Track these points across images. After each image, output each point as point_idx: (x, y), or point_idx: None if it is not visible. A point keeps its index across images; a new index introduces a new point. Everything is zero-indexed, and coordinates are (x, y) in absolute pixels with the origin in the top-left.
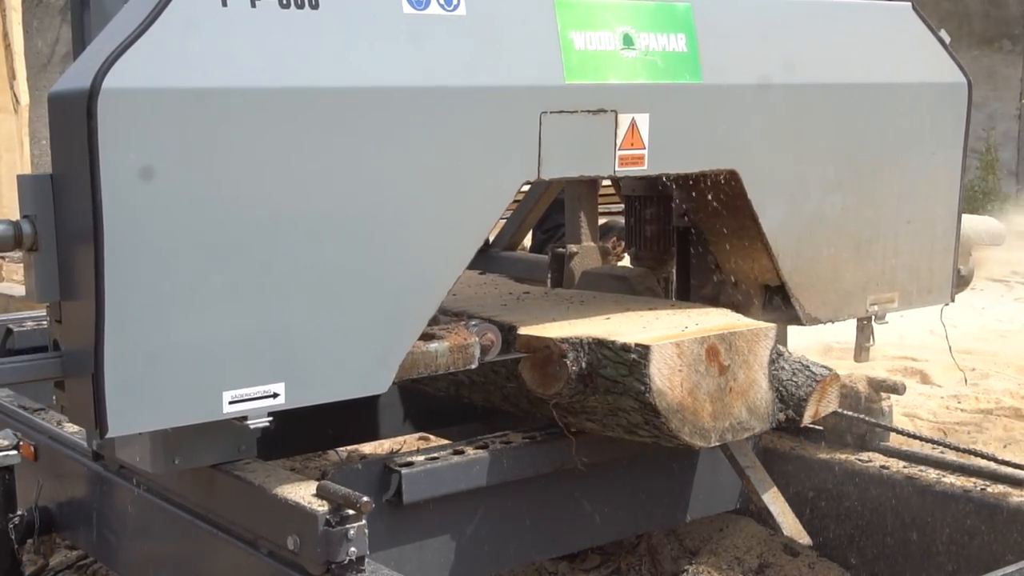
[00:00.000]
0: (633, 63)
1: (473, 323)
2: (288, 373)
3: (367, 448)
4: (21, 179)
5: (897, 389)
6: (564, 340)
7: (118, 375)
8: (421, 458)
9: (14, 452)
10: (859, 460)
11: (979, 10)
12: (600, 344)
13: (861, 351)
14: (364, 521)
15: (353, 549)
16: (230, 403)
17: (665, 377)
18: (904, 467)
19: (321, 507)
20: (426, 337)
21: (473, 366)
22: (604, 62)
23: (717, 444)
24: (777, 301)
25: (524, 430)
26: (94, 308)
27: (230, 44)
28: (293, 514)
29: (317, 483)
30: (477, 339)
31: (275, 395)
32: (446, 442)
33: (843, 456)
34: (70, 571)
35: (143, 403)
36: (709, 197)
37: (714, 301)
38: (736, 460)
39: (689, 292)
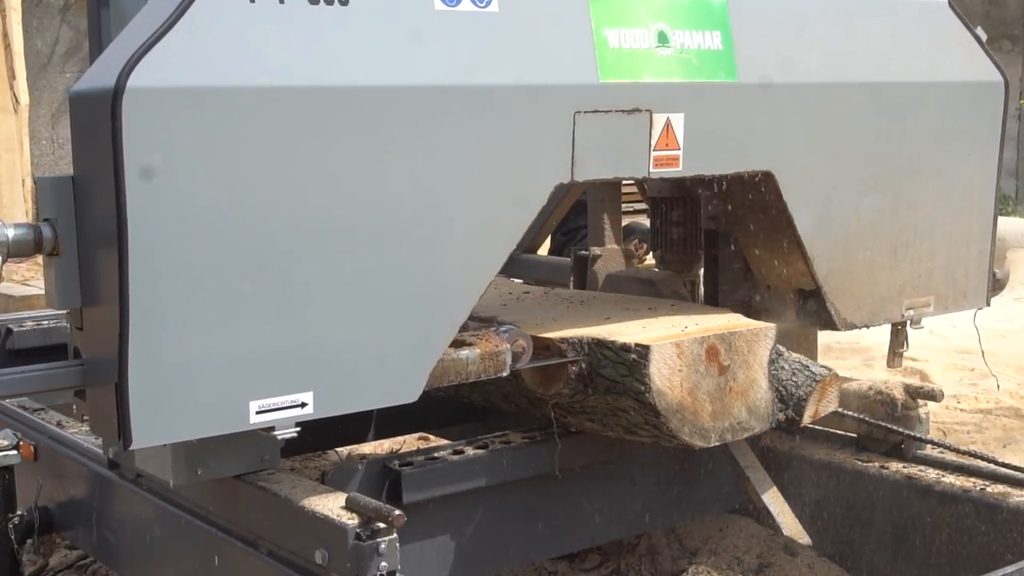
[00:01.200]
0: (668, 61)
1: (503, 329)
2: (316, 382)
3: (367, 448)
4: (41, 181)
5: (935, 396)
6: (564, 340)
7: (143, 384)
8: (421, 458)
9: (14, 452)
10: (859, 460)
11: (979, 10)
12: (600, 344)
13: (894, 357)
14: (395, 535)
15: (384, 564)
16: (257, 413)
17: (665, 377)
18: (904, 467)
19: (351, 520)
20: (456, 344)
21: (504, 374)
22: (639, 60)
23: (717, 444)
24: (811, 306)
25: (524, 430)
26: (118, 315)
27: (258, 42)
28: (321, 527)
29: (346, 495)
30: (508, 346)
31: (303, 404)
32: (446, 442)
33: (842, 456)
34: (70, 571)
35: (168, 413)
36: (742, 199)
37: (745, 305)
38: (736, 460)
39: (717, 296)
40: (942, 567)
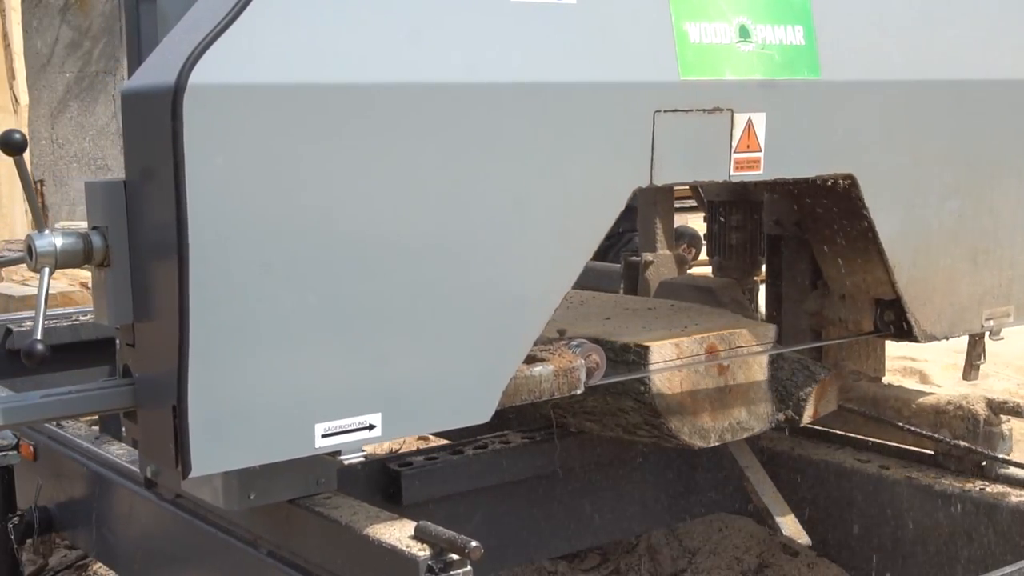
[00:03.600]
0: (749, 57)
1: (575, 343)
2: (385, 403)
3: (367, 448)
4: (90, 186)
5: (1020, 412)
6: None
7: (203, 407)
8: (421, 458)
9: (14, 452)
10: (858, 460)
11: None
12: (599, 344)
13: (971, 369)
14: (470, 568)
15: None
16: (323, 436)
17: (664, 377)
18: (904, 467)
19: (422, 551)
20: (528, 360)
21: (579, 391)
22: (720, 56)
23: (717, 444)
24: (889, 316)
25: (524, 430)
26: (177, 331)
27: (327, 35)
28: (388, 558)
29: (415, 524)
30: (582, 361)
31: (371, 427)
32: (446, 442)
33: (842, 456)
34: (70, 571)
35: (230, 438)
36: (818, 204)
37: (816, 316)
38: (736, 460)
39: (781, 306)
40: (942, 567)
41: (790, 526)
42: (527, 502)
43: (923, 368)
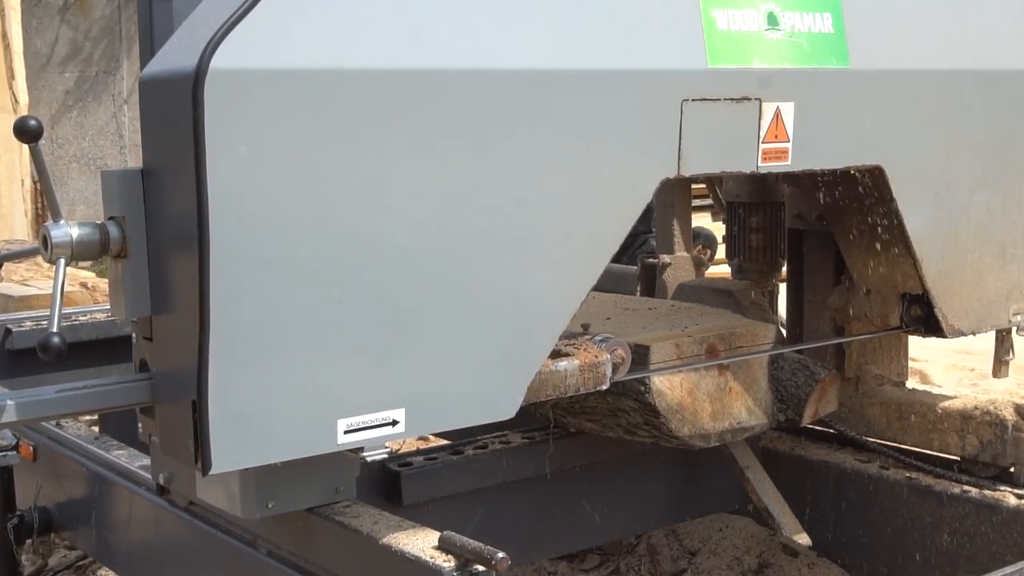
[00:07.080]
0: (778, 45)
1: (600, 338)
2: (409, 398)
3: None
4: (106, 175)
5: None
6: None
7: (224, 402)
8: (421, 458)
9: (13, 452)
10: (859, 460)
11: None
12: None
13: (1000, 366)
14: None
15: None
16: (345, 432)
17: (664, 377)
18: (904, 467)
19: (447, 562)
20: (553, 355)
21: (604, 387)
22: (748, 44)
23: (717, 444)
24: (915, 311)
25: (523, 430)
26: (197, 324)
27: (357, 17)
28: (411, 570)
29: (439, 534)
30: (608, 356)
31: (394, 423)
32: (446, 442)
33: (842, 456)
34: (69, 571)
35: (251, 434)
36: (843, 196)
37: (842, 311)
38: (736, 460)
39: (802, 301)
40: (942, 567)
41: (790, 526)
42: (527, 502)
43: (923, 368)
